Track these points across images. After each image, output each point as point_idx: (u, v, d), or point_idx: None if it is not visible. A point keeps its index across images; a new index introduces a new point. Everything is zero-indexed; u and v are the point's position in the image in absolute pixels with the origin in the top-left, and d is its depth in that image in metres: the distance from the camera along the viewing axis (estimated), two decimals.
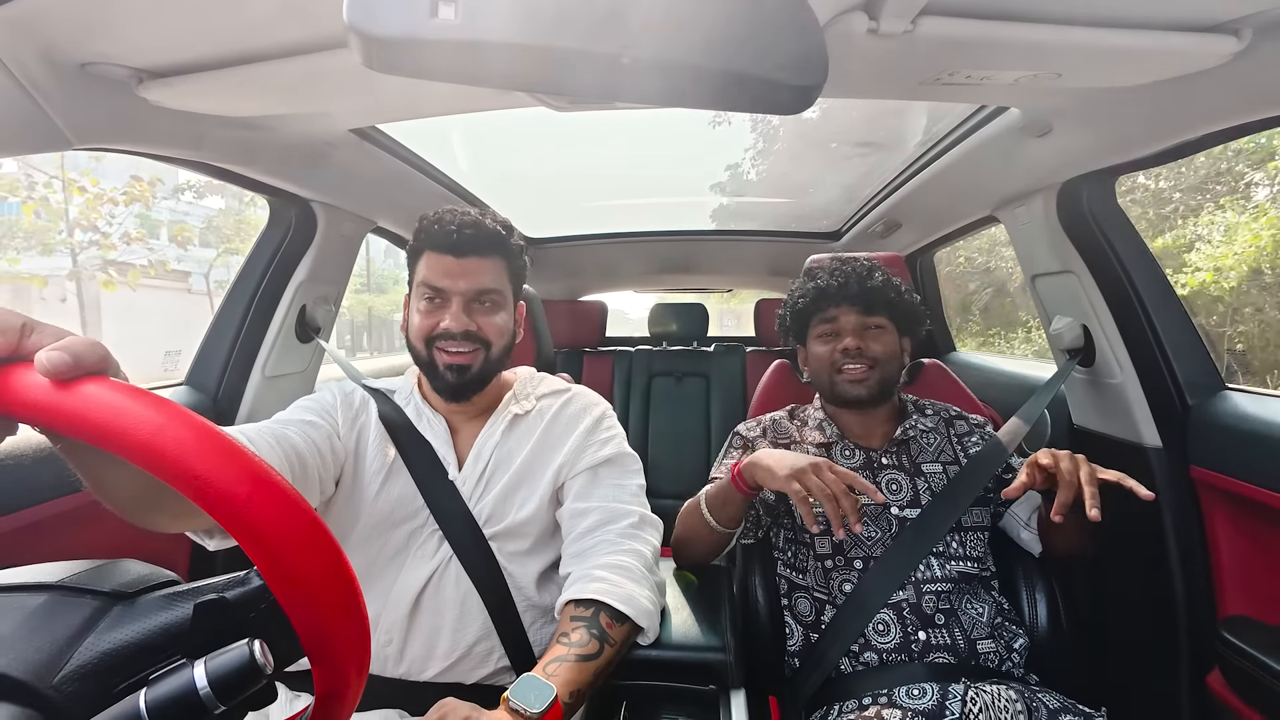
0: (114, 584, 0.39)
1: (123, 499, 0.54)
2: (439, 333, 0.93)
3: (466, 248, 0.93)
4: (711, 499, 1.06)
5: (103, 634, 0.36)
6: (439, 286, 0.93)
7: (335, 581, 0.36)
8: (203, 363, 1.41)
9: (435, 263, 0.94)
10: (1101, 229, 1.29)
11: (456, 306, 0.93)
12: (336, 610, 0.36)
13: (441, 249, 0.93)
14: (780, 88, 0.46)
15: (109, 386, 0.34)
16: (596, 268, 2.90)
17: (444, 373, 0.94)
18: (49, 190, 7.80)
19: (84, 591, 0.38)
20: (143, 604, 0.38)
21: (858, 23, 0.74)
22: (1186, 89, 0.87)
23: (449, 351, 0.94)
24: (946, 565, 1.05)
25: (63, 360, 0.34)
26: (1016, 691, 0.90)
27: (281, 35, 0.79)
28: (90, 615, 0.37)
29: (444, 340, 0.93)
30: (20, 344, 0.35)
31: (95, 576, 0.39)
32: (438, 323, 0.93)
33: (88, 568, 0.40)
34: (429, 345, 0.94)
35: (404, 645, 0.88)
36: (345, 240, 1.58)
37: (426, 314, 0.94)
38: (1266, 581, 1.09)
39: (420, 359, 0.96)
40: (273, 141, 1.14)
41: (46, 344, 0.36)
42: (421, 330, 0.94)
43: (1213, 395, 1.18)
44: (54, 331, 0.37)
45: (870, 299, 1.16)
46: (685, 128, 2.58)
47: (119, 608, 0.38)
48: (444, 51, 0.43)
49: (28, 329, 0.36)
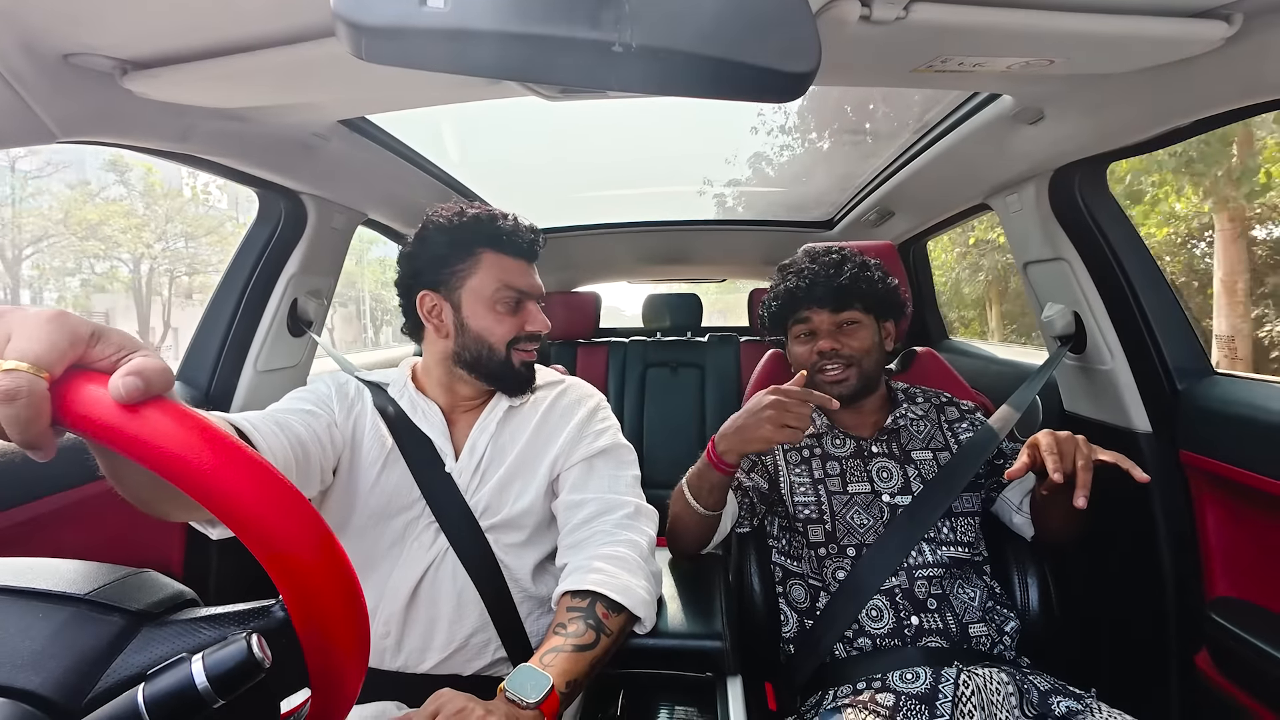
0: (141, 602, 0.40)
1: (139, 492, 0.55)
2: (525, 334, 0.96)
3: (534, 253, 0.99)
4: (692, 482, 1.06)
5: (131, 655, 0.37)
6: (523, 289, 0.96)
7: (350, 608, 0.37)
8: (194, 357, 1.40)
9: (511, 266, 0.96)
10: (1093, 216, 1.30)
11: (535, 310, 0.98)
12: (348, 633, 0.38)
13: (514, 253, 0.97)
14: (773, 76, 0.46)
15: (172, 416, 0.35)
16: (590, 259, 2.88)
17: (520, 370, 0.98)
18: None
19: (112, 609, 0.38)
20: (169, 627, 0.39)
21: (850, 10, 0.73)
22: (1178, 75, 0.87)
23: (527, 350, 0.98)
24: (938, 550, 1.06)
25: (136, 387, 0.34)
26: (1008, 674, 0.91)
27: (268, 25, 0.78)
28: (119, 634, 0.37)
29: (527, 341, 0.97)
30: (86, 353, 0.36)
31: (122, 592, 0.40)
32: (523, 324, 0.96)
33: (112, 579, 0.41)
34: (510, 346, 0.96)
35: (401, 637, 0.89)
36: (336, 233, 1.57)
37: (507, 316, 0.96)
38: (1254, 564, 1.11)
39: (493, 359, 0.96)
40: (261, 133, 1.13)
41: (110, 353, 0.36)
42: (507, 332, 0.95)
43: (1201, 380, 1.19)
44: (119, 340, 0.37)
45: (840, 296, 1.15)
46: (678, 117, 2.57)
47: (147, 628, 0.38)
48: (433, 41, 0.43)
49: (95, 337, 0.36)
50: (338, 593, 0.36)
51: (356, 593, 0.38)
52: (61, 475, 1.02)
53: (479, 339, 0.95)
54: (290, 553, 0.35)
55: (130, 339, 0.37)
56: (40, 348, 0.34)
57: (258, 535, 0.34)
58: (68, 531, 1.04)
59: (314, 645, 0.37)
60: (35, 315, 0.35)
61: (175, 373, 1.41)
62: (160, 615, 0.39)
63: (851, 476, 1.13)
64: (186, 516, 0.65)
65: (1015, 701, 0.88)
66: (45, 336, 0.34)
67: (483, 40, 0.43)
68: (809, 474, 1.15)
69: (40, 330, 0.34)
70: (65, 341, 0.34)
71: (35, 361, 0.33)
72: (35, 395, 0.33)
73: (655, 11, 0.43)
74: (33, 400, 0.33)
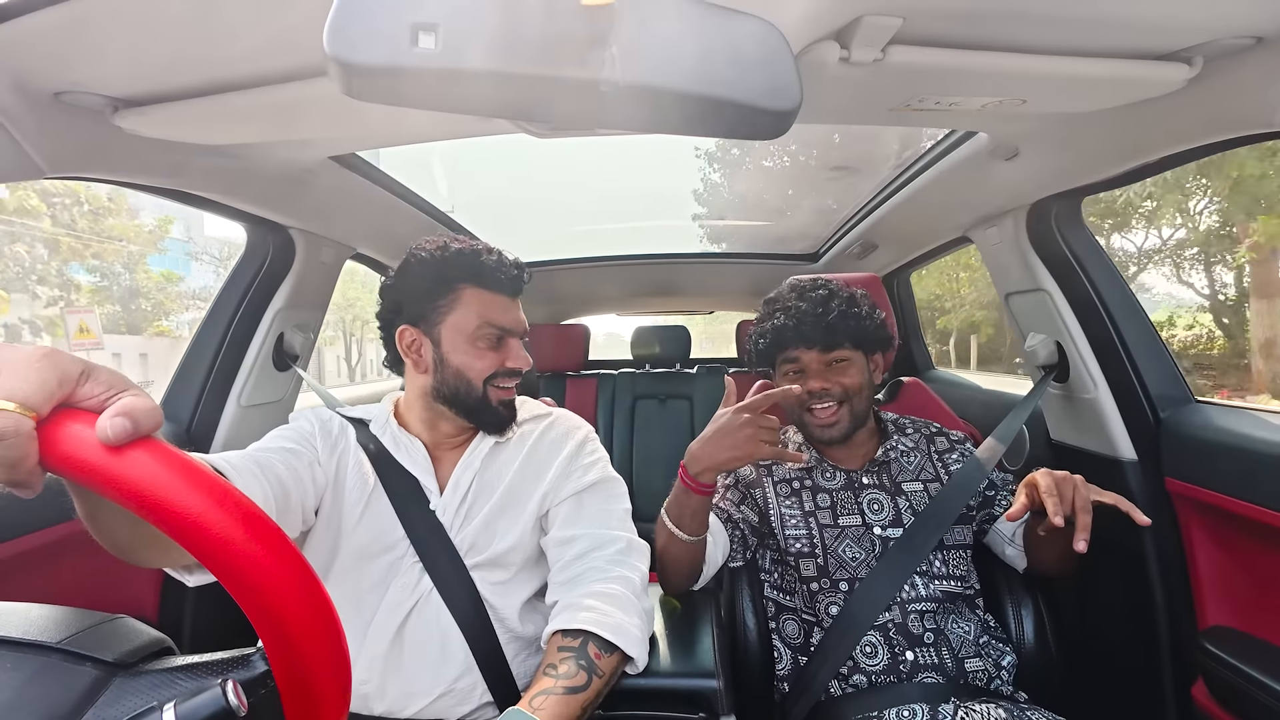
0: (114, 651, 0.38)
1: (115, 537, 0.53)
2: (504, 370, 0.95)
3: (517, 288, 0.97)
4: (672, 510, 1.03)
5: (104, 709, 0.35)
6: (505, 326, 0.95)
7: (334, 661, 0.36)
8: (176, 392, 1.38)
9: (493, 302, 0.94)
10: (1070, 248, 1.33)
11: (518, 346, 0.96)
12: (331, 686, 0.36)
13: (496, 289, 0.95)
14: (757, 114, 0.47)
15: (159, 457, 0.34)
16: (579, 291, 2.90)
17: (498, 408, 0.95)
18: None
19: (85, 658, 0.37)
20: (144, 677, 0.38)
21: (830, 52, 0.76)
22: (1144, 114, 0.91)
23: (504, 388, 0.95)
24: (931, 584, 1.05)
25: (124, 429, 0.33)
26: (1006, 710, 0.89)
27: (260, 64, 0.79)
28: (91, 686, 0.36)
29: (504, 378, 0.95)
30: (74, 392, 0.35)
31: (94, 640, 0.39)
32: (503, 361, 0.94)
33: (83, 626, 0.39)
34: (486, 383, 0.94)
35: (384, 683, 0.85)
36: (324, 267, 1.57)
37: (487, 352, 0.94)
38: (1244, 591, 1.11)
39: (470, 397, 0.94)
40: (251, 170, 1.13)
41: (99, 392, 0.35)
42: (486, 368, 0.93)
43: (1183, 408, 1.21)
44: (108, 378, 0.36)
45: (829, 335, 1.12)
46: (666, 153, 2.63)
47: (120, 679, 0.37)
48: (424, 80, 0.43)
49: (84, 376, 0.36)
50: (324, 646, 0.35)
51: (342, 645, 0.37)
52: (33, 517, 0.99)
53: (457, 374, 0.93)
54: (277, 603, 0.34)
55: (119, 377, 0.37)
56: (29, 387, 0.33)
57: (244, 583, 0.33)
58: (37, 576, 1.00)
59: (294, 698, 0.36)
60: (25, 354, 0.35)
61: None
62: (135, 665, 0.38)
63: (842, 509, 1.12)
64: (163, 563, 0.63)
65: None
66: (35, 376, 0.34)
67: (473, 80, 0.44)
68: (799, 506, 1.14)
69: (30, 369, 0.34)
70: (55, 381, 0.34)
71: (24, 402, 0.33)
72: (22, 436, 0.32)
73: (642, 52, 0.44)
74: (19, 441, 0.32)
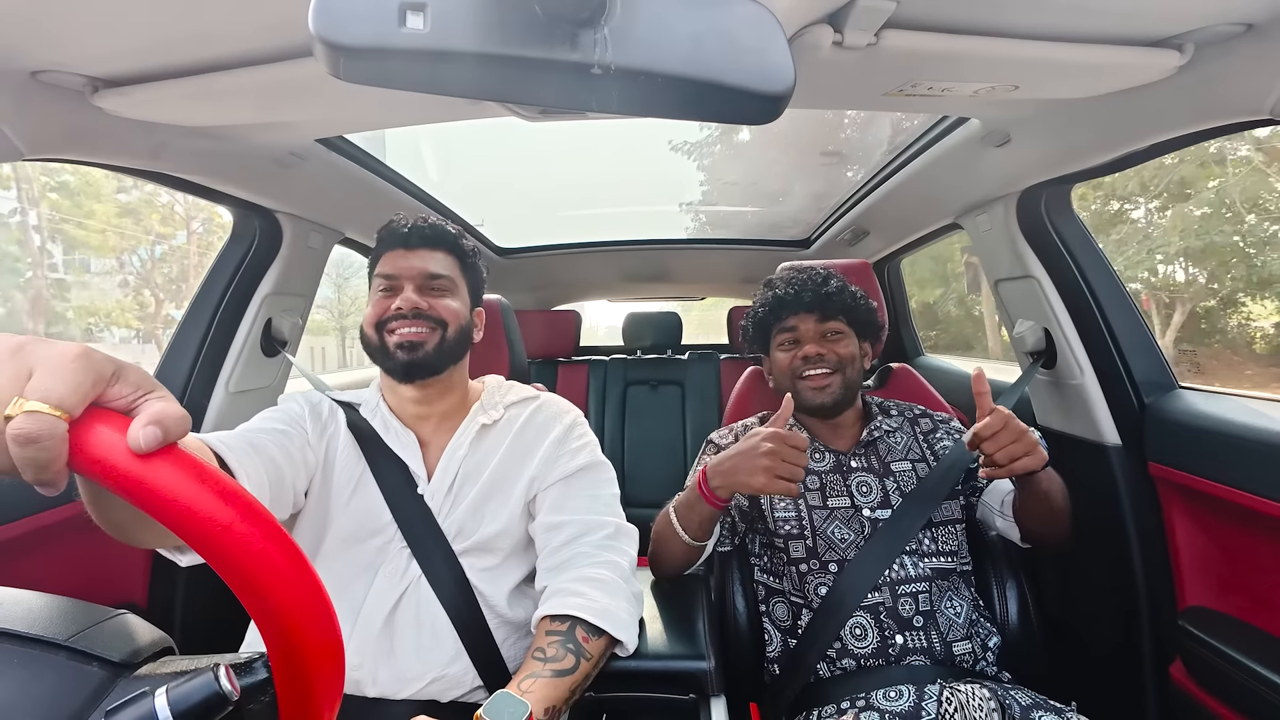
0: (120, 651, 0.39)
1: (115, 521, 0.53)
2: (390, 315, 0.94)
3: (416, 241, 0.98)
4: (681, 512, 1.05)
5: (107, 709, 0.36)
6: (391, 274, 0.96)
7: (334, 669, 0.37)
8: (164, 377, 1.37)
9: (389, 257, 0.98)
10: (1059, 235, 1.34)
11: (408, 289, 0.95)
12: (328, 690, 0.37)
13: (394, 245, 0.98)
14: (749, 98, 0.47)
15: (185, 470, 0.34)
16: (570, 277, 2.89)
17: (395, 352, 0.93)
18: None
19: (91, 657, 0.37)
20: (145, 678, 0.38)
21: (823, 35, 0.75)
22: (1135, 101, 0.91)
23: (400, 331, 0.94)
24: (920, 563, 1.06)
25: (156, 438, 0.33)
26: (990, 690, 0.91)
27: (244, 44, 0.77)
28: (97, 687, 0.36)
29: (395, 321, 0.94)
30: (105, 393, 0.35)
31: (101, 638, 0.39)
32: (389, 305, 0.94)
33: (89, 621, 0.40)
34: (380, 329, 0.94)
35: (375, 668, 0.86)
36: (312, 252, 1.55)
37: (378, 302, 0.96)
38: (1222, 573, 1.13)
39: (372, 346, 0.96)
40: (236, 152, 1.11)
41: (128, 393, 0.35)
42: (373, 317, 0.95)
43: (1166, 394, 1.22)
44: (137, 379, 0.36)
45: (826, 304, 1.18)
46: (658, 138, 2.61)
47: (124, 680, 0.37)
48: (413, 62, 0.43)
49: (115, 376, 0.35)
50: (327, 658, 0.36)
51: (340, 653, 0.37)
52: (23, 501, 0.98)
53: (363, 329, 0.97)
54: (288, 613, 0.34)
55: (147, 378, 0.36)
56: (65, 388, 0.33)
57: (260, 594, 0.33)
58: (27, 560, 1.00)
59: (290, 697, 0.36)
60: (60, 352, 0.34)
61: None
62: (138, 665, 0.38)
63: (831, 491, 1.14)
64: (158, 544, 0.63)
65: (998, 717, 0.88)
66: (70, 376, 0.33)
67: (462, 61, 0.43)
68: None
69: (65, 369, 0.33)
70: (89, 383, 0.33)
71: (59, 403, 0.32)
72: (56, 439, 0.32)
73: (634, 35, 0.44)
74: (53, 444, 0.32)
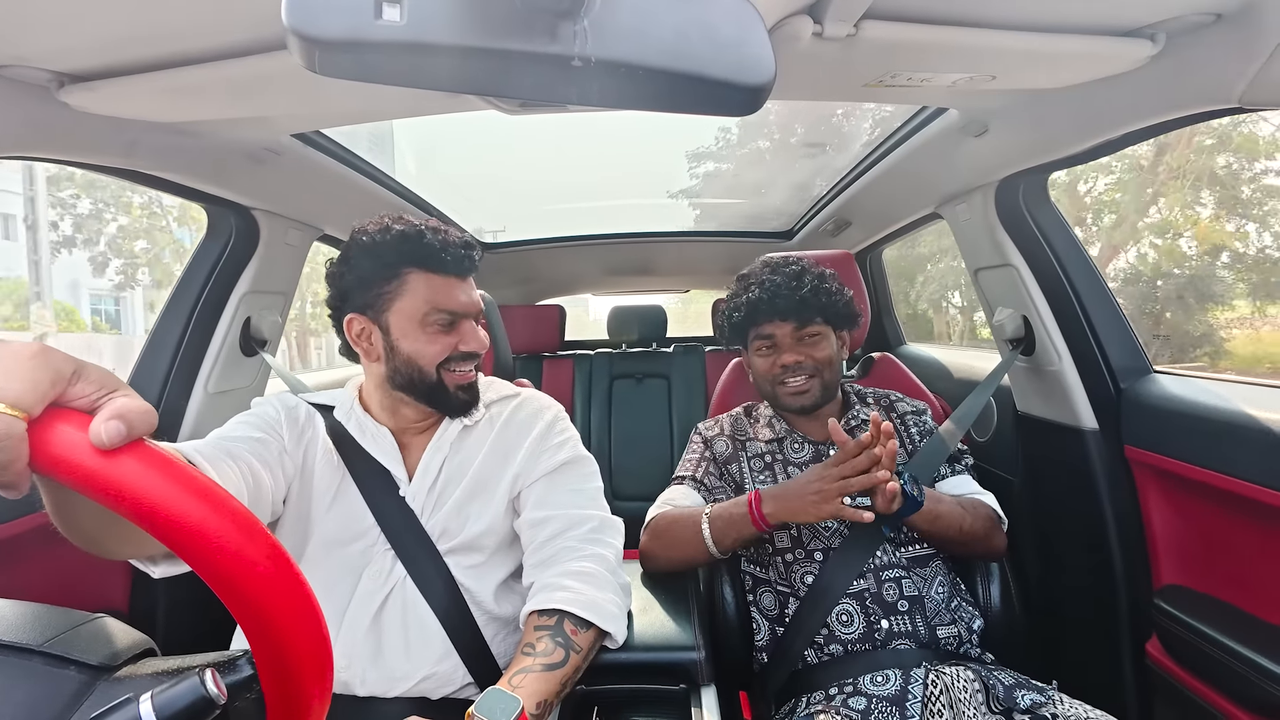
0: (98, 654, 0.38)
1: (83, 531, 0.52)
2: (458, 354, 0.91)
3: (467, 269, 0.93)
4: (718, 526, 1.03)
5: (87, 712, 0.35)
6: (455, 310, 0.91)
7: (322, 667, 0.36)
8: (140, 379, 1.34)
9: (440, 284, 0.90)
10: (1037, 223, 1.36)
11: (471, 328, 0.92)
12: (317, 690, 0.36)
13: (443, 271, 0.90)
14: (730, 89, 0.47)
15: (152, 464, 0.33)
16: (554, 272, 2.87)
17: (456, 393, 0.92)
18: None
19: (68, 661, 0.37)
20: (126, 680, 0.37)
21: (803, 26, 0.75)
22: (1109, 90, 0.93)
23: (460, 371, 0.92)
24: (899, 550, 1.08)
25: (119, 432, 0.33)
26: (974, 671, 0.93)
27: (216, 37, 0.75)
28: (75, 692, 0.36)
29: (459, 362, 0.92)
30: (66, 391, 0.34)
31: (77, 642, 0.38)
32: (455, 344, 0.91)
33: (65, 625, 0.39)
34: (440, 369, 0.91)
35: (364, 669, 0.85)
36: (290, 249, 1.52)
37: (439, 337, 0.90)
38: (1196, 552, 1.16)
39: (424, 383, 0.91)
40: (209, 148, 1.09)
41: (91, 392, 0.35)
42: (438, 353, 0.90)
43: (1141, 378, 1.25)
44: (100, 378, 0.35)
45: (802, 310, 1.16)
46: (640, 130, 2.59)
47: (103, 684, 0.37)
48: (389, 54, 0.42)
49: (76, 375, 0.35)
50: (313, 654, 0.35)
51: (328, 649, 0.37)
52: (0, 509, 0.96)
53: (409, 362, 0.90)
54: (271, 611, 0.33)
55: (111, 377, 0.36)
56: (21, 387, 0.32)
57: (238, 590, 0.33)
58: (5, 569, 0.97)
59: (278, 699, 0.36)
60: (14, 351, 0.34)
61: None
62: (118, 668, 0.38)
63: None
64: (130, 554, 0.62)
65: (982, 698, 0.90)
66: (27, 375, 0.33)
67: (440, 54, 0.42)
68: (772, 479, 1.16)
69: (21, 368, 0.33)
70: (47, 382, 0.33)
71: (15, 403, 0.32)
72: (14, 439, 0.31)
73: (613, 26, 0.43)
74: (11, 444, 0.31)
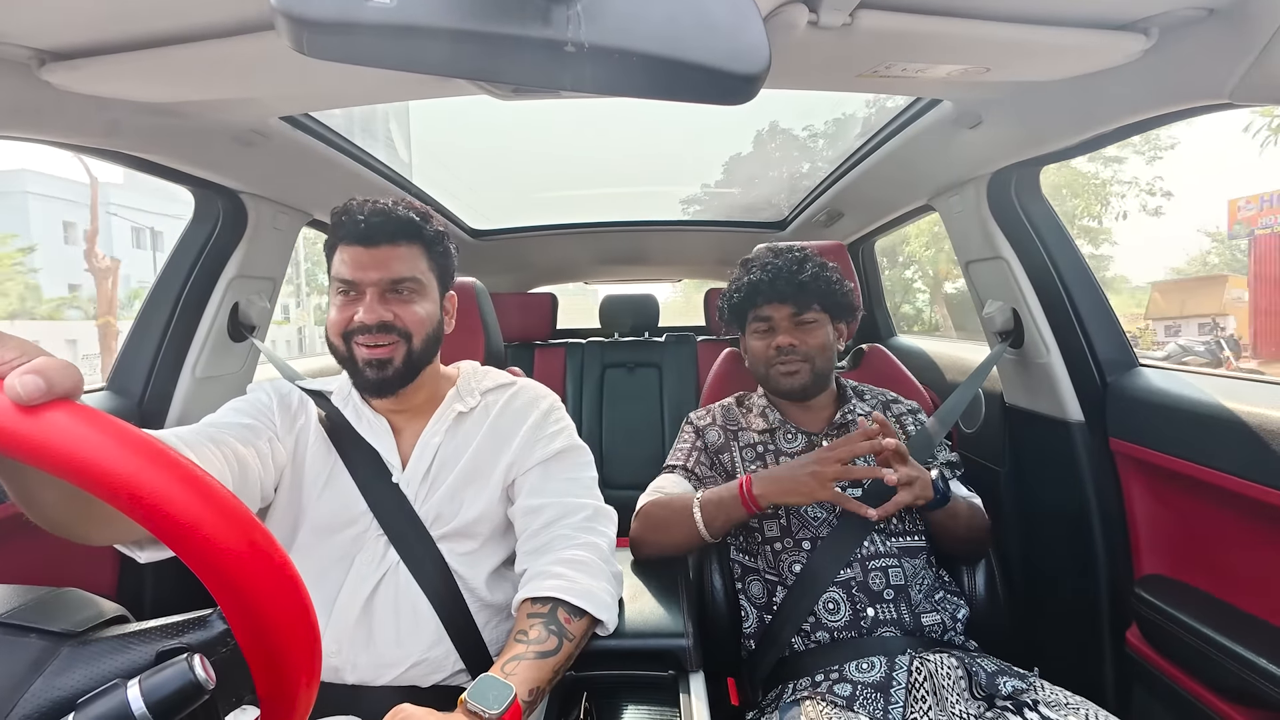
0: (61, 622, 0.37)
1: (51, 514, 0.51)
2: (354, 327, 0.90)
3: (377, 236, 0.90)
4: (708, 510, 1.05)
5: (52, 678, 0.34)
6: (351, 279, 0.90)
7: (295, 612, 0.35)
8: (126, 365, 1.33)
9: (347, 255, 0.90)
10: (1028, 216, 1.36)
11: (370, 298, 0.89)
12: (295, 640, 0.35)
13: (352, 240, 0.90)
14: (724, 78, 0.46)
15: (80, 416, 0.32)
16: (546, 260, 2.86)
17: (363, 369, 0.91)
18: None
19: (28, 630, 0.36)
20: (94, 645, 0.36)
21: (798, 15, 0.75)
22: (1102, 84, 0.93)
23: (367, 346, 0.90)
24: (888, 541, 1.09)
25: (36, 386, 0.32)
26: (957, 658, 0.95)
27: (203, 16, 0.74)
28: (37, 657, 0.35)
29: (360, 334, 0.90)
30: None
31: (38, 611, 0.37)
32: (352, 316, 0.90)
33: (27, 600, 0.38)
34: (346, 340, 0.91)
35: (354, 655, 0.86)
36: (279, 234, 1.51)
37: (341, 308, 0.91)
38: (1177, 543, 1.18)
39: (341, 356, 0.92)
40: (195, 130, 1.07)
41: (10, 358, 0.34)
42: (337, 325, 0.90)
43: (1127, 372, 1.27)
44: (18, 345, 0.34)
45: (801, 295, 1.18)
46: (634, 119, 2.58)
47: (68, 649, 0.36)
48: (379, 37, 0.41)
49: None
50: (280, 596, 0.34)
51: (301, 594, 0.35)
52: None
53: (328, 336, 0.93)
54: (226, 562, 0.32)
55: (31, 345, 0.35)
56: None
57: (189, 544, 0.32)
58: None
59: (258, 657, 0.35)
60: None
61: (106, 381, 1.33)
62: (84, 634, 0.37)
63: None
64: (109, 538, 0.61)
65: (965, 685, 0.91)
66: None
67: (431, 37, 0.42)
68: (764, 469, 1.17)
69: None
70: None
71: None
72: None
73: (607, 11, 0.43)
74: None
